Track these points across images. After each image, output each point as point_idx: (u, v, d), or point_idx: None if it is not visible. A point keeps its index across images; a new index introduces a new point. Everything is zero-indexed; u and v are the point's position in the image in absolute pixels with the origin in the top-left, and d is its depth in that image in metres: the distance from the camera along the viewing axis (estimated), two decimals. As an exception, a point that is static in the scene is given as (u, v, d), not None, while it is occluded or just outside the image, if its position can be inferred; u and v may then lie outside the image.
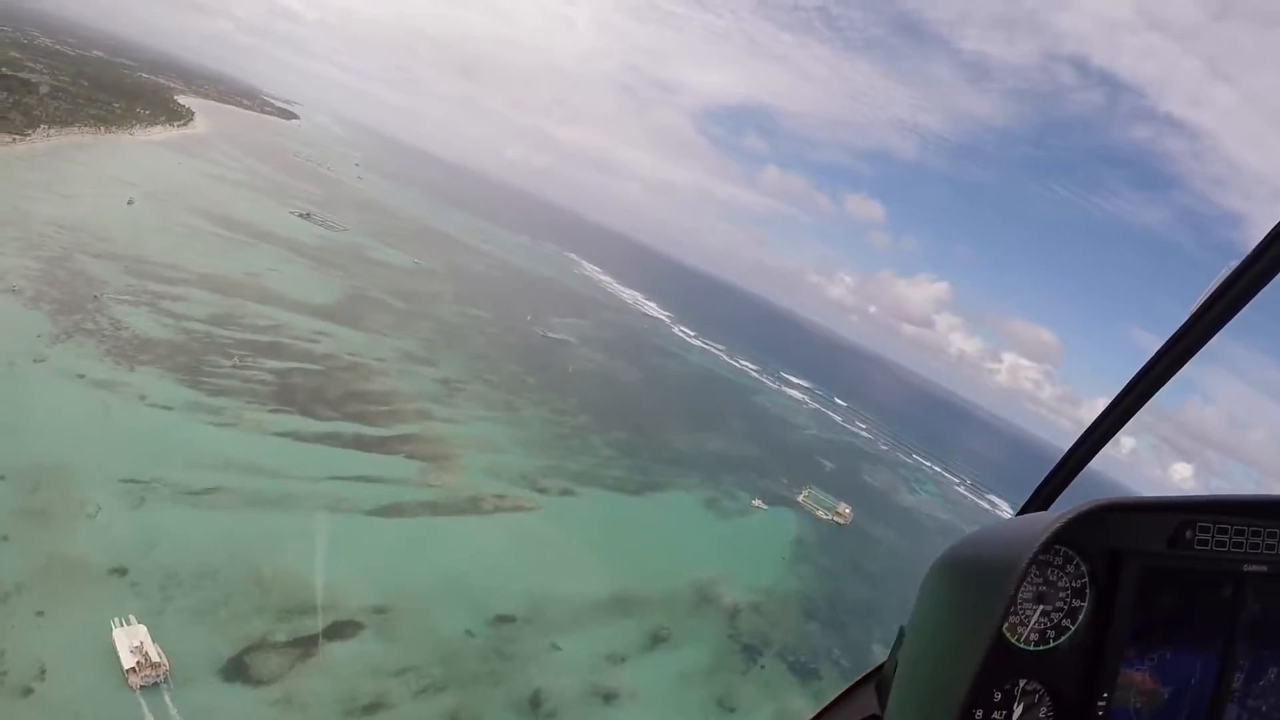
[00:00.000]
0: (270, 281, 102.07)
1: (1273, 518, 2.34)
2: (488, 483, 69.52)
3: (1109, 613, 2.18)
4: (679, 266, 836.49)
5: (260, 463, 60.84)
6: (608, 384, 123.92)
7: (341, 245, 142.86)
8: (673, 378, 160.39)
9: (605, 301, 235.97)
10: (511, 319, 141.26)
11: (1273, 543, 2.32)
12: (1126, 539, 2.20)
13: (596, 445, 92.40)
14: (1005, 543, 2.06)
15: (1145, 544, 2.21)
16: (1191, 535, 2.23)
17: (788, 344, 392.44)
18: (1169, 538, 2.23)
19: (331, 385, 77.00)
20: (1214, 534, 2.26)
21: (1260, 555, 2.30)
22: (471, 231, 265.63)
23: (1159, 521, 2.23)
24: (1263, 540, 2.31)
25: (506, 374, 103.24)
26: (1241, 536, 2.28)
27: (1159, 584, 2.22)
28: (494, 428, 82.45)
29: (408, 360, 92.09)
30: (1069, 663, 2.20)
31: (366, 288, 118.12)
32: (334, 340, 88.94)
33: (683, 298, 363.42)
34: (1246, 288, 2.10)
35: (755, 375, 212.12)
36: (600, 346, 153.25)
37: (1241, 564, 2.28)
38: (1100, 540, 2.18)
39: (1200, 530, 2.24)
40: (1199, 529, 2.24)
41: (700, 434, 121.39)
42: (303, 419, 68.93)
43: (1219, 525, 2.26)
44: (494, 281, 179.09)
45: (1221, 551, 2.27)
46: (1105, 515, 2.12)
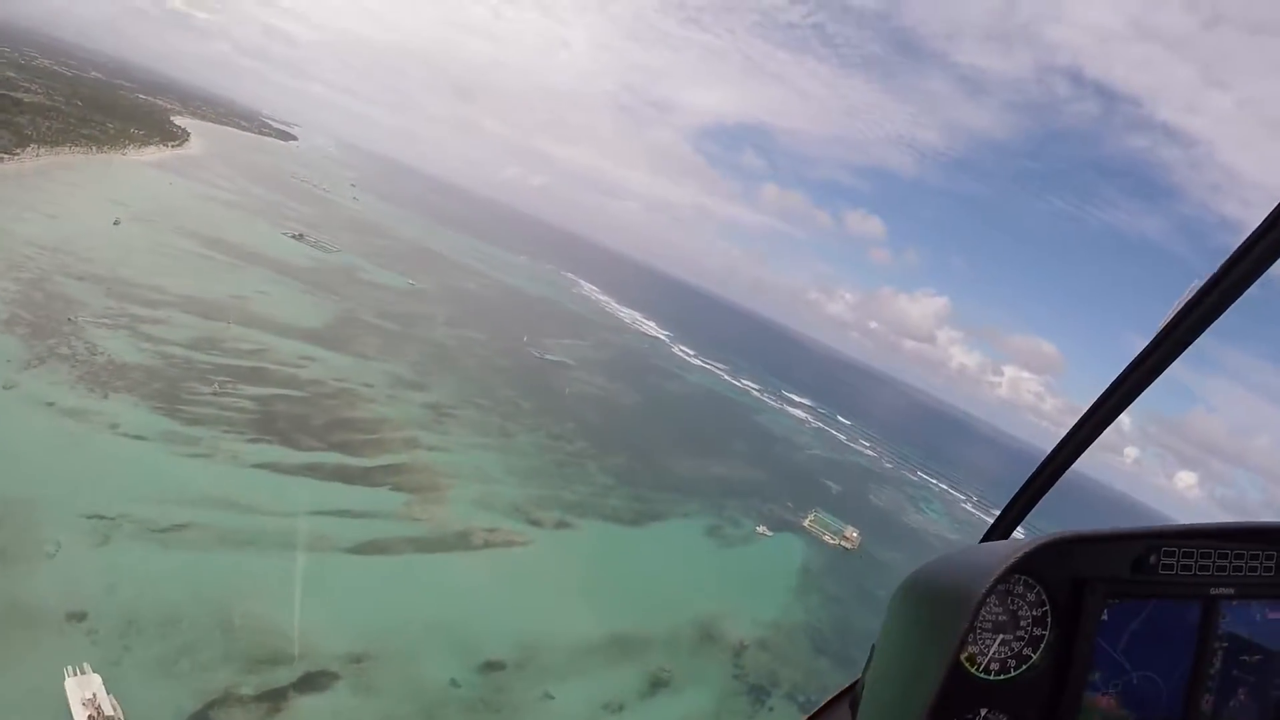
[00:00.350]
0: (257, 304, 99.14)
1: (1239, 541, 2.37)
2: (478, 515, 66.03)
3: (1072, 640, 2.20)
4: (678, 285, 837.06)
5: (235, 497, 57.43)
6: (606, 407, 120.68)
7: (334, 267, 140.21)
8: (673, 399, 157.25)
9: (603, 321, 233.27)
10: (506, 341, 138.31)
11: (1240, 564, 2.34)
12: (1089, 567, 2.21)
13: (594, 473, 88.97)
14: (964, 573, 2.07)
15: (1109, 570, 2.23)
16: (1156, 560, 2.25)
17: (789, 362, 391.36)
18: (1133, 563, 2.25)
19: (315, 413, 73.74)
20: (1179, 558, 2.27)
21: (1228, 578, 2.33)
22: (467, 252, 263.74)
23: (1123, 548, 2.25)
24: (1229, 562, 2.33)
25: (500, 398, 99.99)
26: (1208, 559, 2.30)
27: (1124, 609, 2.24)
28: (486, 456, 79.03)
29: (397, 385, 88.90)
30: (1032, 691, 2.21)
31: (357, 310, 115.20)
32: (320, 365, 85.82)
33: (682, 316, 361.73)
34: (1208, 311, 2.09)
35: (757, 394, 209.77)
36: (598, 368, 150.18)
37: (1208, 587, 2.31)
38: (1062, 569, 2.19)
39: (1165, 555, 2.26)
40: (1164, 553, 2.26)
41: (702, 458, 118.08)
42: (283, 449, 65.60)
43: (1184, 549, 2.28)
44: (489, 302, 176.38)
45: (1187, 575, 2.28)
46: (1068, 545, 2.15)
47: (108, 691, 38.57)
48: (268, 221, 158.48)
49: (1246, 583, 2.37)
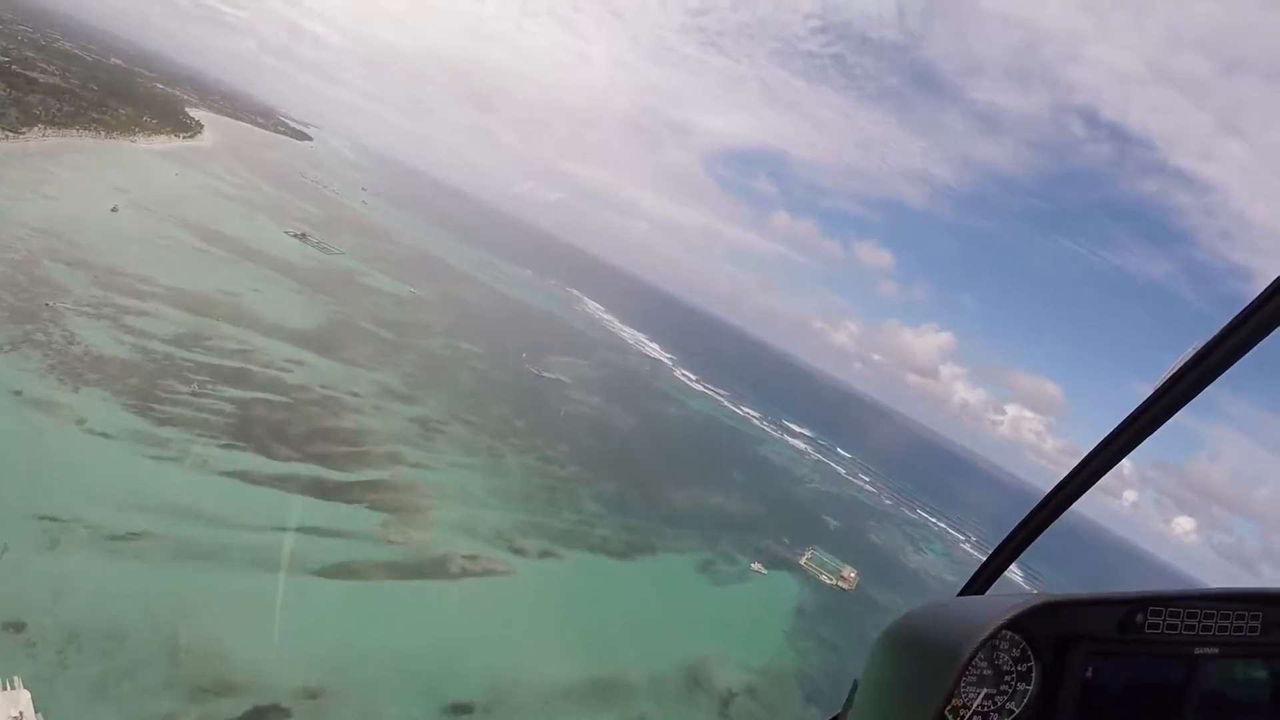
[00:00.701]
0: (249, 302, 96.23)
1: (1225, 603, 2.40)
2: (458, 541, 62.43)
3: (1055, 696, 2.23)
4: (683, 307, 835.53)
5: (199, 506, 53.99)
6: (602, 430, 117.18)
7: (333, 269, 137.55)
8: (672, 425, 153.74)
9: (605, 341, 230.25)
10: (504, 356, 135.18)
11: (1225, 624, 2.38)
12: (1075, 624, 2.25)
13: (584, 499, 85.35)
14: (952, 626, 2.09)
15: (1094, 628, 2.26)
16: (1142, 620, 2.29)
17: (791, 391, 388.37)
18: (1119, 622, 2.28)
19: (296, 420, 70.43)
20: (1165, 618, 2.31)
21: (1213, 638, 2.36)
22: (474, 262, 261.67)
23: (1109, 610, 2.29)
24: (1215, 623, 2.37)
25: (493, 416, 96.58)
26: (1194, 619, 2.34)
27: (1108, 667, 2.27)
28: (472, 476, 75.51)
29: (386, 396, 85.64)
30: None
31: (353, 315, 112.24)
32: (307, 370, 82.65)
33: (686, 340, 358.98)
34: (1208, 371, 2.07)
35: (758, 423, 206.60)
36: (597, 389, 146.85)
37: (1193, 646, 2.35)
38: (1048, 625, 2.22)
39: (1151, 615, 2.30)
40: (1150, 613, 2.30)
41: (698, 488, 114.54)
42: (257, 457, 62.22)
43: (1170, 609, 2.32)
44: (490, 315, 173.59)
45: (1173, 635, 2.32)
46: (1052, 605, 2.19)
47: (35, 710, 35.18)
48: (271, 219, 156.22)
49: (1231, 642, 2.39)
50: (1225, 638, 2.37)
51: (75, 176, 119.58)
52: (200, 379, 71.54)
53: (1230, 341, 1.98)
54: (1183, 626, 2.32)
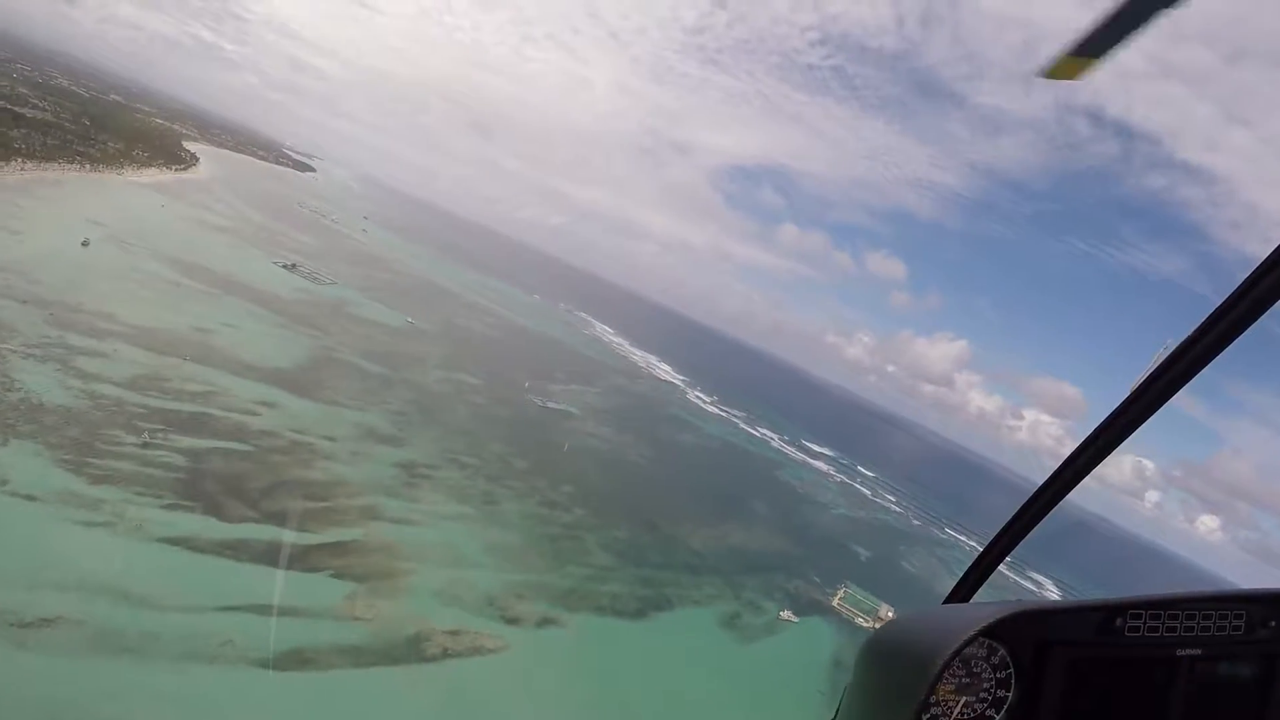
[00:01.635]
0: (221, 339, 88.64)
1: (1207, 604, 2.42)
2: (439, 612, 53.43)
3: (1035, 702, 2.24)
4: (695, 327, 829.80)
5: (127, 583, 45.55)
6: (612, 465, 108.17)
7: (323, 300, 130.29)
8: (687, 454, 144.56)
9: (615, 365, 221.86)
10: (506, 387, 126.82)
11: (1207, 624, 2.40)
12: (1054, 631, 2.26)
13: (592, 549, 76.16)
14: (928, 635, 2.12)
15: (1074, 634, 2.27)
16: (1122, 623, 2.31)
17: (808, 408, 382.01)
18: (1098, 626, 2.30)
19: (258, 472, 62.10)
20: (1146, 620, 2.33)
21: (1195, 638, 2.37)
22: (478, 289, 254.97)
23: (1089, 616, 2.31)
24: (1197, 624, 2.38)
25: (489, 455, 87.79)
26: (1175, 621, 2.36)
27: (1088, 672, 2.27)
28: (461, 530, 66.55)
29: (368, 438, 77.16)
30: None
31: (339, 349, 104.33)
32: (278, 413, 74.49)
33: (698, 360, 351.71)
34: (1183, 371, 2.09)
35: (777, 445, 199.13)
36: (606, 418, 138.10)
37: (1174, 648, 2.35)
38: (1027, 632, 2.24)
39: (1132, 618, 2.31)
40: (1130, 616, 2.31)
41: (719, 524, 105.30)
42: (205, 520, 53.83)
43: (1151, 612, 2.33)
44: (493, 343, 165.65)
45: (1154, 637, 2.33)
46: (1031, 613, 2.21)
47: None
48: (260, 249, 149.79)
49: (1214, 642, 2.39)
50: (1208, 638, 2.37)
51: (47, 210, 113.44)
52: (152, 427, 63.51)
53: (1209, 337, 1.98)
54: (1164, 629, 2.32)
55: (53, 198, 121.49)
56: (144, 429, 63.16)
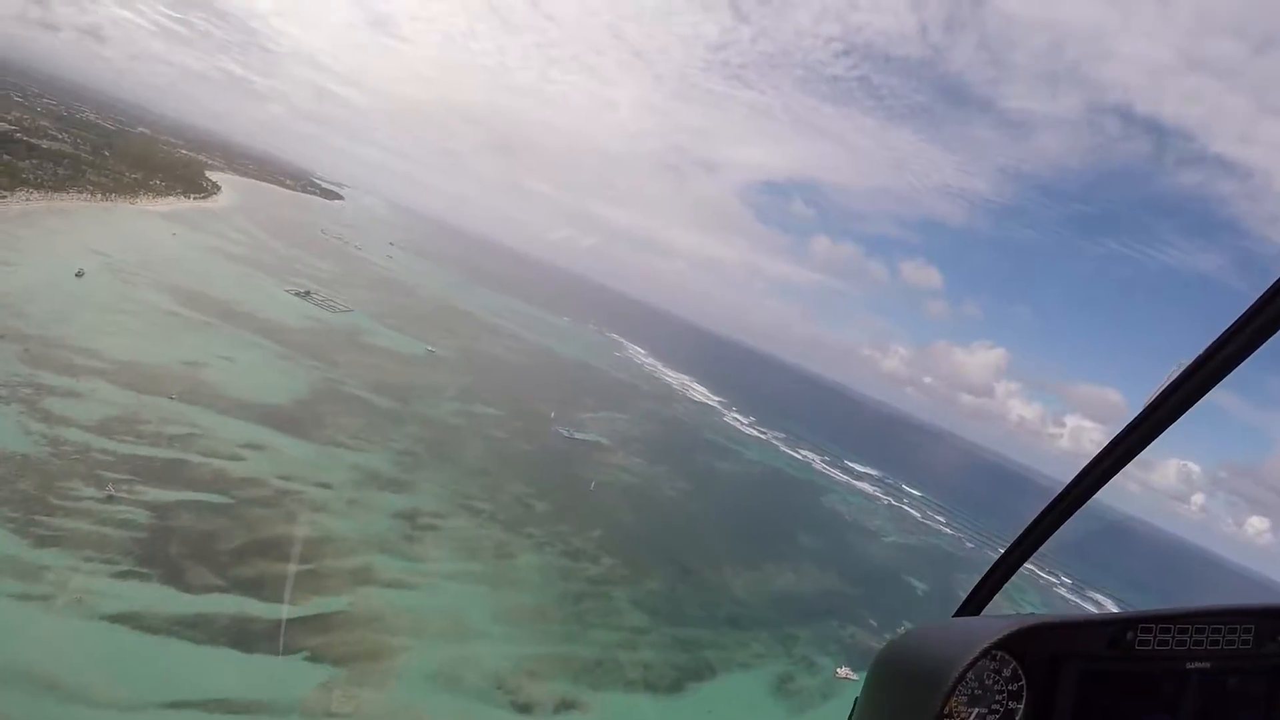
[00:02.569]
0: (214, 374, 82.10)
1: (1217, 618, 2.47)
2: (435, 701, 44.60)
3: (1047, 715, 2.30)
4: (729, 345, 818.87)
5: (59, 674, 37.85)
6: (644, 503, 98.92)
7: (335, 328, 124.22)
8: (727, 485, 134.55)
9: (648, 389, 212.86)
10: (530, 417, 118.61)
11: (1216, 638, 2.45)
12: (1065, 644, 2.33)
13: (621, 607, 66.83)
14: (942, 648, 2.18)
15: (1085, 647, 2.34)
16: (1133, 637, 2.37)
17: (847, 425, 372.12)
18: (1109, 639, 2.36)
19: (233, 530, 54.40)
20: (1156, 634, 2.39)
21: (1204, 652, 2.43)
22: (505, 313, 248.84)
23: (1100, 630, 2.38)
24: (1206, 638, 2.44)
25: (506, 498, 79.32)
26: (1185, 635, 2.42)
27: (1099, 685, 2.33)
28: (467, 592, 57.80)
29: (368, 484, 69.27)
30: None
31: (345, 381, 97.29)
32: (266, 457, 67.10)
33: (734, 380, 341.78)
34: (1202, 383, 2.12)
35: (820, 467, 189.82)
36: (639, 448, 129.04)
37: (1184, 661, 2.41)
38: (1039, 645, 2.30)
39: (1142, 631, 2.37)
40: (1141, 630, 2.37)
41: (763, 565, 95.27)
42: (162, 590, 46.08)
43: (1161, 626, 2.40)
44: (518, 370, 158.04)
45: (1164, 650, 2.39)
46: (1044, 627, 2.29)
47: None
48: (273, 276, 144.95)
49: (1223, 656, 2.44)
50: (1217, 651, 2.41)
51: (47, 240, 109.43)
52: (117, 478, 56.39)
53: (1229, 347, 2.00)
54: (1174, 642, 2.37)
55: (56, 227, 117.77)
56: (108, 480, 56.08)
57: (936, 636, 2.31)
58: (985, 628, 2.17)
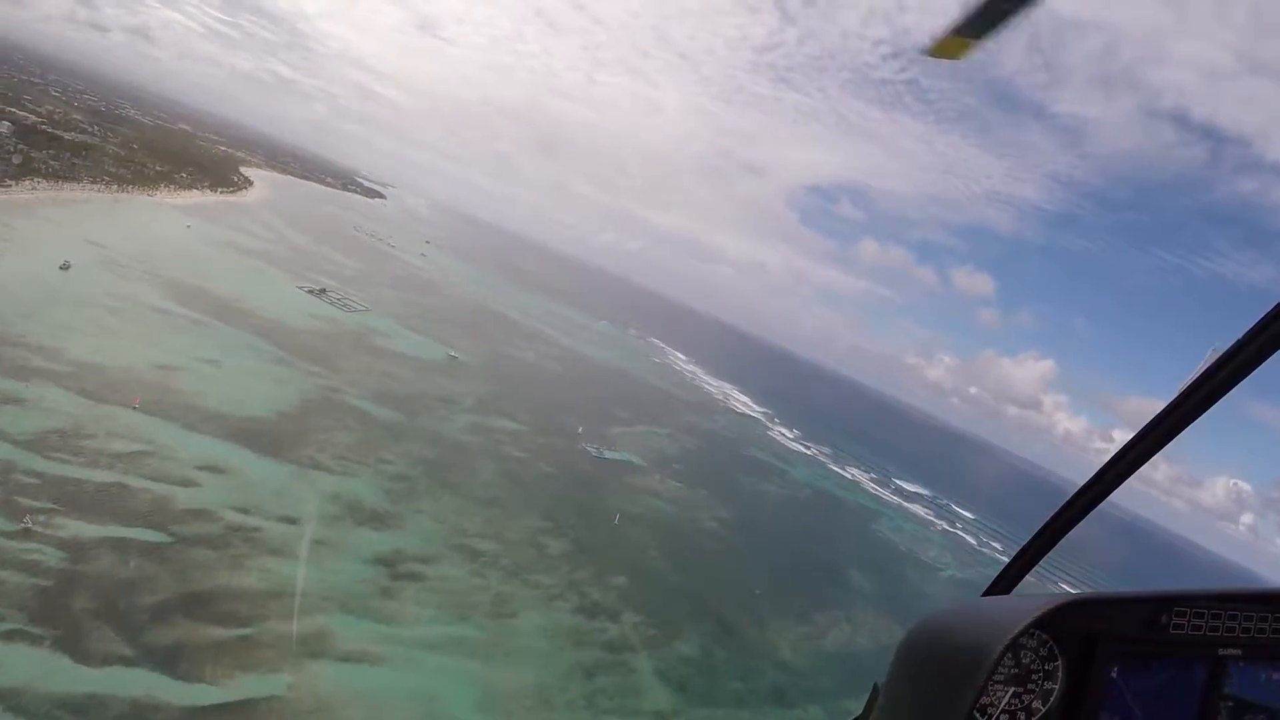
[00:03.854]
0: (189, 380, 73.11)
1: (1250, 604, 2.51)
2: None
3: (1081, 695, 2.32)
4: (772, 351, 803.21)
5: None
6: (678, 539, 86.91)
7: (346, 329, 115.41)
8: (772, 511, 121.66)
9: (688, 398, 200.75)
10: (554, 433, 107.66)
11: (1249, 625, 2.48)
12: (1101, 624, 2.35)
13: (644, 684, 54.85)
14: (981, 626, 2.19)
15: (1121, 628, 2.37)
16: (1168, 620, 2.40)
17: (893, 438, 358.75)
18: (1145, 622, 2.39)
19: (161, 578, 44.36)
20: (1190, 618, 2.42)
21: (1236, 638, 2.46)
22: (541, 315, 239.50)
23: (1136, 609, 2.41)
24: (1239, 624, 2.47)
25: (514, 536, 68.21)
26: (1219, 620, 2.45)
27: (1133, 667, 2.36)
28: (449, 668, 46.58)
29: (345, 518, 58.88)
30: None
31: (344, 389, 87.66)
32: (225, 482, 57.24)
33: (777, 388, 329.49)
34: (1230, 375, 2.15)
35: (869, 487, 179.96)
36: (675, 469, 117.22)
37: (1217, 647, 2.45)
38: (1075, 625, 2.31)
39: (1177, 615, 2.40)
40: (1175, 613, 2.40)
41: (815, 617, 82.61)
42: (56, 658, 36.06)
43: (1195, 610, 2.43)
44: (548, 378, 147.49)
45: (1198, 635, 2.42)
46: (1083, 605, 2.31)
47: None
48: (288, 272, 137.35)
49: (1254, 644, 2.47)
50: (1249, 639, 2.45)
51: (41, 230, 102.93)
52: (39, 506, 47.01)
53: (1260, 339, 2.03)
54: (1207, 627, 2.40)
55: (55, 218, 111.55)
56: (25, 510, 46.75)
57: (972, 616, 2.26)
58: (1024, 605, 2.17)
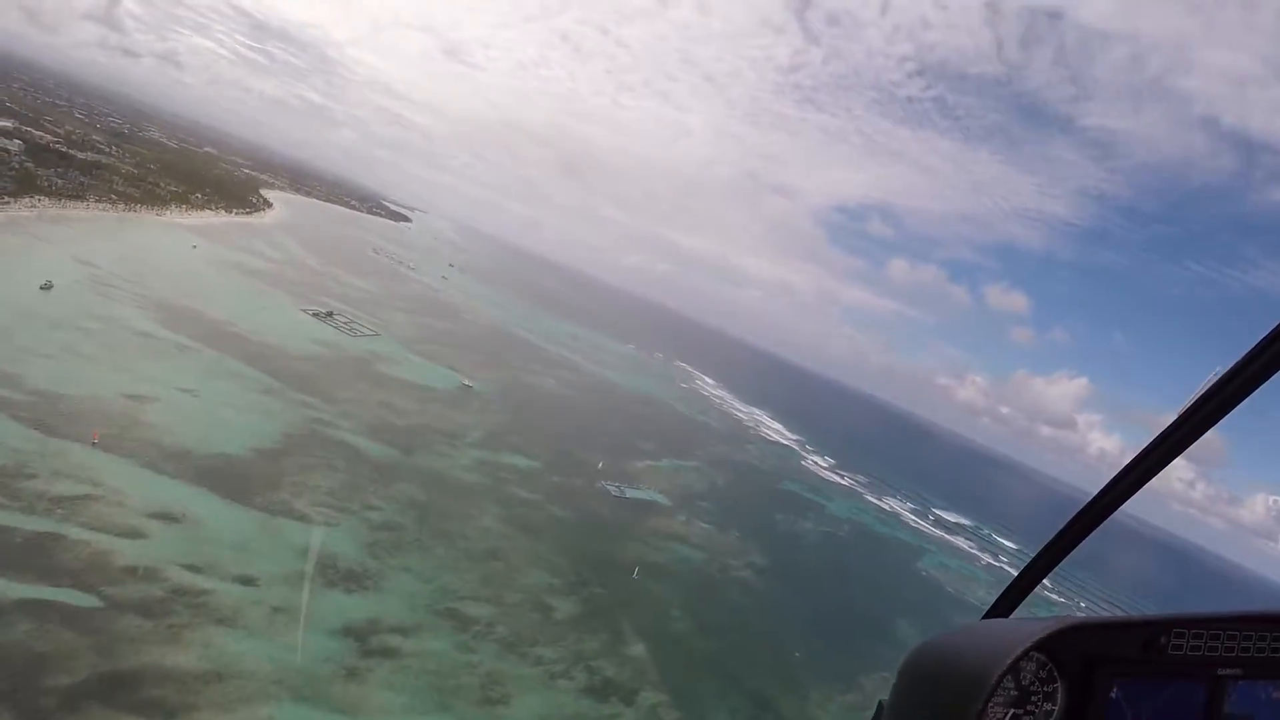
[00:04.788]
0: (159, 412, 66.22)
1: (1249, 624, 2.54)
2: None
3: (1081, 716, 2.36)
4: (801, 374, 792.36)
5: None
6: (707, 595, 77.43)
7: (349, 356, 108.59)
8: (810, 555, 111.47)
9: (718, 427, 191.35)
10: (571, 469, 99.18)
11: (1247, 645, 2.50)
12: (1100, 646, 2.39)
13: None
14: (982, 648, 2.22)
15: (1120, 651, 2.40)
16: (1166, 641, 2.43)
17: (927, 462, 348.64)
18: (1143, 643, 2.42)
19: (80, 654, 36.54)
20: (1189, 639, 2.45)
21: (1235, 658, 2.49)
22: (565, 340, 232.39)
23: (1134, 631, 2.44)
24: (1238, 644, 2.50)
25: (514, 596, 59.40)
26: (1217, 641, 2.48)
27: (1132, 688, 2.39)
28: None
29: (314, 577, 50.96)
30: None
31: (336, 424, 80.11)
32: (178, 533, 49.68)
33: (809, 413, 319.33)
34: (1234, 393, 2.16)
35: (909, 519, 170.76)
36: (704, 508, 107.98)
37: (1215, 667, 2.47)
38: (1074, 647, 2.35)
39: (1175, 636, 2.44)
40: (1174, 635, 2.44)
41: (861, 681, 72.54)
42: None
43: (1194, 631, 2.46)
44: (568, 407, 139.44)
45: (1196, 656, 2.45)
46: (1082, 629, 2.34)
47: None
48: (294, 295, 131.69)
49: (1254, 663, 2.50)
50: (1248, 658, 2.47)
51: (30, 248, 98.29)
52: (-58, 568, 39.82)
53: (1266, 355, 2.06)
54: (1206, 648, 2.43)
55: (50, 236, 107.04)
56: (-74, 572, 39.58)
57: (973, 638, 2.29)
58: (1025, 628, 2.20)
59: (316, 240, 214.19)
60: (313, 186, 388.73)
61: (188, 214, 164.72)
